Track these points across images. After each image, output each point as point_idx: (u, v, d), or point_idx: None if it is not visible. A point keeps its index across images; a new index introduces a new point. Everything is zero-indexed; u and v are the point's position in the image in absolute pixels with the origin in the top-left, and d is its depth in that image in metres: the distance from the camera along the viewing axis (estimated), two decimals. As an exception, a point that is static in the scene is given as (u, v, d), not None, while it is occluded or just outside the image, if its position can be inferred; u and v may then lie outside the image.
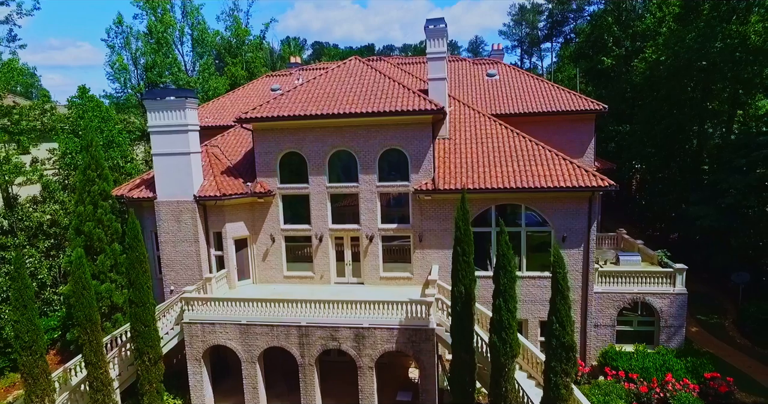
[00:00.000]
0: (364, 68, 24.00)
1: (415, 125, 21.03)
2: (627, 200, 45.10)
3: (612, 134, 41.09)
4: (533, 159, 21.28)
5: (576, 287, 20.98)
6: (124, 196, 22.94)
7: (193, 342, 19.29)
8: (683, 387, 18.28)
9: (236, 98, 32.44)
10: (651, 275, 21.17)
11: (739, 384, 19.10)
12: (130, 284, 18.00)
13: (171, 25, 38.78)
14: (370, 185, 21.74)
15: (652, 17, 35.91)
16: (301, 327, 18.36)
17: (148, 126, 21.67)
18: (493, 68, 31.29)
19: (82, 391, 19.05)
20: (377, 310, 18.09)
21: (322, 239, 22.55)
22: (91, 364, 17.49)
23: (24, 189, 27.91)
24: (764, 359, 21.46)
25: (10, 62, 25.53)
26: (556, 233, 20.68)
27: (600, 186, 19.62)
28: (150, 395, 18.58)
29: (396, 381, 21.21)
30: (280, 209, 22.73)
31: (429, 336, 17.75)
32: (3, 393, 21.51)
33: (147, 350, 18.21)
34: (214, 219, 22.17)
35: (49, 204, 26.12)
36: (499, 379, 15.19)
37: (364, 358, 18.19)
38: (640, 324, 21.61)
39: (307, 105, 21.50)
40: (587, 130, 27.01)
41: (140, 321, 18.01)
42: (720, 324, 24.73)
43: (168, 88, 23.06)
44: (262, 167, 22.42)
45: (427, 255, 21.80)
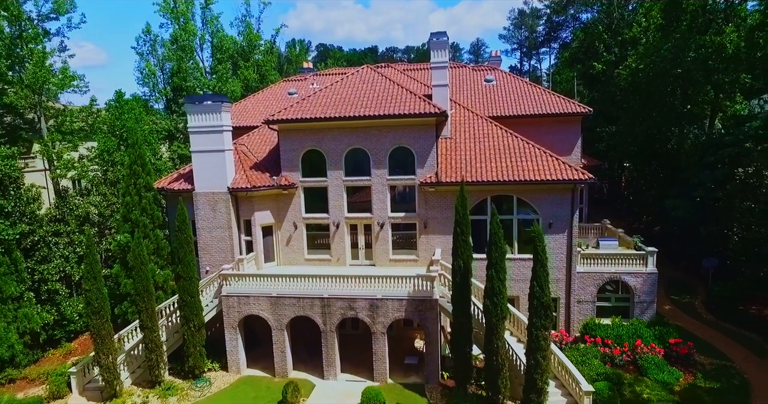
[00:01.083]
0: (375, 76, 27.14)
1: (420, 126, 24.15)
2: (617, 196, 48.16)
3: (602, 134, 44.18)
4: (524, 156, 24.37)
5: (561, 267, 24.11)
6: (165, 188, 26.11)
7: (230, 312, 22.43)
8: (650, 351, 21.34)
9: (257, 101, 35.61)
10: (626, 257, 24.28)
11: (699, 350, 22.19)
12: (179, 261, 21.16)
13: (193, 33, 41.95)
14: (381, 179, 24.86)
15: (638, 27, 38.98)
16: (323, 298, 21.47)
17: (188, 127, 24.82)
18: (490, 74, 34.38)
19: (134, 355, 22.31)
20: (388, 284, 21.20)
21: (338, 226, 25.69)
22: (147, 328, 20.70)
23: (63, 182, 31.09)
24: (724, 331, 24.51)
25: (64, 70, 28.79)
26: (543, 220, 23.72)
27: (580, 179, 22.71)
28: (194, 356, 21.79)
29: (404, 350, 24.28)
30: (302, 199, 25.87)
31: (433, 306, 20.84)
32: (62, 358, 24.60)
33: (192, 317, 21.40)
34: (245, 208, 25.30)
35: (93, 196, 29.25)
36: (491, 337, 18.32)
37: (378, 325, 21.29)
38: (617, 300, 24.69)
39: (327, 108, 24.64)
40: (574, 130, 30.09)
41: (187, 292, 21.19)
42: (690, 303, 27.80)
43: (205, 94, 26.31)
44: (286, 163, 25.56)
45: (431, 240, 24.91)
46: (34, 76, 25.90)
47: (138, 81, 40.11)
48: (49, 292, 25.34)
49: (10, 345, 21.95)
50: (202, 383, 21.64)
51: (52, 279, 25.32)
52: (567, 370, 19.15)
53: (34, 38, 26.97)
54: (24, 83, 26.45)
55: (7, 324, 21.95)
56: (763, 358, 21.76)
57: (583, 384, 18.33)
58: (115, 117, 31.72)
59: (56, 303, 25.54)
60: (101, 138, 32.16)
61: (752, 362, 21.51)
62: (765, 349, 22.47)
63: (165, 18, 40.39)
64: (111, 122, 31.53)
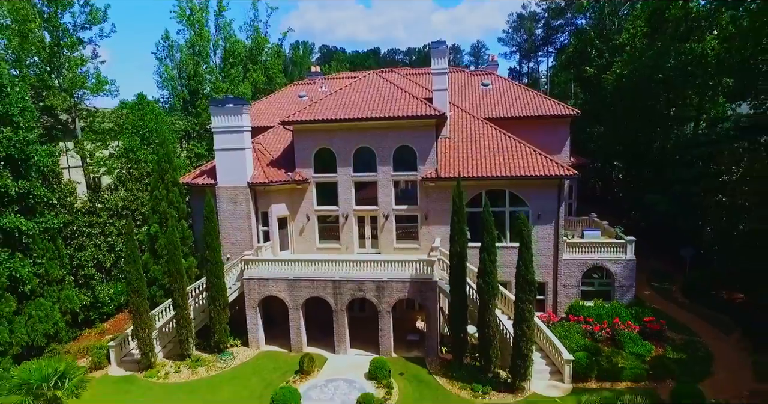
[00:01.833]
0: (380, 81, 29.72)
1: (422, 126, 26.72)
2: (609, 193, 50.68)
3: (593, 134, 46.70)
4: (515, 154, 26.94)
5: (549, 255, 26.68)
6: (189, 183, 28.73)
7: (251, 293, 25.02)
8: (627, 328, 23.86)
9: (269, 104, 38.22)
10: (608, 245, 26.83)
11: (671, 328, 24.75)
12: (206, 247, 23.77)
13: (207, 39, 44.56)
14: (386, 175, 27.45)
15: (627, 33, 41.51)
16: (335, 280, 24.05)
17: (212, 127, 27.39)
18: (487, 79, 36.96)
19: (165, 332, 24.90)
20: (393, 267, 23.78)
21: (347, 217, 28.28)
22: (178, 306, 23.32)
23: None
24: (697, 312, 27.03)
25: (97, 76, 31.46)
26: (532, 212, 26.30)
27: (565, 175, 25.28)
28: (219, 332, 24.39)
29: (406, 329, 26.79)
30: (314, 193, 28.46)
31: (432, 287, 23.41)
32: (97, 337, 27.17)
33: (218, 297, 23.99)
34: (262, 201, 27.89)
35: (120, 191, 31.83)
36: (484, 313, 20.89)
37: (383, 305, 23.86)
38: (599, 284, 27.20)
39: (337, 111, 27.24)
40: (564, 130, 32.62)
41: (214, 275, 23.79)
42: (669, 289, 30.32)
43: (227, 97, 28.87)
44: (300, 160, 28.16)
45: (431, 230, 27.48)
46: (72, 81, 28.57)
47: (157, 84, 42.74)
48: (85, 277, 28.00)
49: (55, 322, 24.54)
50: (226, 356, 24.24)
51: (87, 265, 27.99)
52: (551, 342, 21.75)
53: (70, 46, 29.66)
54: (62, 87, 29.06)
55: (52, 304, 24.55)
56: (728, 335, 24.31)
57: (564, 354, 20.94)
58: (138, 118, 34.28)
59: (91, 287, 28.19)
60: (125, 137, 34.74)
61: (718, 338, 24.07)
62: (731, 328, 25.00)
63: (182, 25, 42.98)
64: (134, 123, 34.09)
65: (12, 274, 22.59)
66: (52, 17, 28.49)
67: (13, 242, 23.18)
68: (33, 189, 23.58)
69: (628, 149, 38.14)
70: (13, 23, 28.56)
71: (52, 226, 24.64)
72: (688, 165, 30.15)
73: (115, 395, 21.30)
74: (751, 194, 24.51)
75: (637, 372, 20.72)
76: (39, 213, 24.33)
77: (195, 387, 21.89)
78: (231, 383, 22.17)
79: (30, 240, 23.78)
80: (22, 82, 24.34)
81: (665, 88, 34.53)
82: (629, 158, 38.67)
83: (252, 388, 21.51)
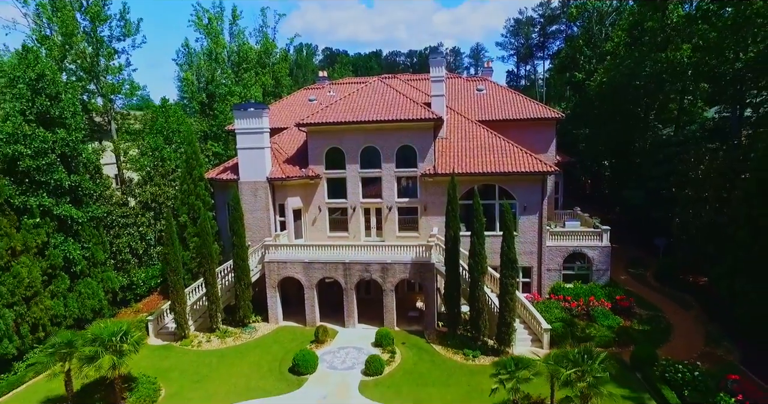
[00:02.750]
0: (384, 87, 33.18)
1: (421, 128, 30.16)
2: (597, 190, 54.12)
3: (580, 135, 50.16)
4: (504, 152, 30.38)
5: (533, 242, 30.11)
6: (214, 178, 32.19)
7: (271, 274, 28.48)
8: (600, 304, 27.30)
9: (282, 107, 41.68)
10: (586, 233, 30.29)
11: (640, 305, 28.25)
12: (233, 233, 27.23)
13: (223, 47, 48.04)
14: (389, 171, 30.89)
15: (611, 42, 44.97)
16: (345, 263, 27.49)
17: (235, 129, 30.82)
18: (481, 84, 40.40)
19: (195, 308, 28.33)
20: (396, 251, 27.22)
21: (355, 209, 31.73)
22: (209, 284, 26.79)
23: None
24: (665, 293, 30.46)
25: (131, 83, 34.94)
26: (519, 204, 29.73)
27: (547, 171, 28.72)
28: (244, 308, 27.85)
29: (407, 308, 30.22)
30: (325, 188, 31.91)
31: (430, 269, 26.84)
32: (132, 314, 30.59)
33: (243, 277, 27.45)
34: (279, 195, 31.34)
35: (149, 186, 35.28)
36: (474, 288, 24.35)
37: (387, 284, 27.30)
38: (578, 268, 30.66)
39: (346, 114, 30.69)
40: (550, 131, 36.02)
41: (240, 257, 27.25)
42: (643, 274, 33.76)
43: (249, 102, 32.36)
44: (312, 158, 31.62)
45: (430, 220, 30.92)
46: (111, 88, 32.01)
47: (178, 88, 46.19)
48: (122, 261, 31.46)
49: (99, 299, 28.02)
50: (249, 329, 27.71)
51: (123, 251, 31.47)
52: (532, 315, 25.19)
53: (107, 56, 33.14)
54: (100, 93, 32.53)
55: (97, 283, 28.02)
56: (688, 311, 27.76)
57: (543, 324, 24.40)
58: (163, 120, 37.75)
59: (127, 270, 31.65)
60: (151, 137, 38.22)
61: (679, 314, 27.52)
62: (692, 305, 28.45)
63: (199, 33, 46.45)
64: (161, 124, 37.57)
65: (66, 256, 26.07)
66: (92, 31, 31.99)
67: (66, 228, 26.65)
68: (82, 182, 27.06)
69: (609, 149, 41.61)
70: (58, 35, 32.04)
71: (97, 215, 28.13)
72: (660, 163, 33.58)
73: (157, 359, 24.76)
74: (710, 190, 27.92)
75: (606, 339, 24.15)
76: (85, 204, 27.82)
77: (225, 353, 25.36)
78: (255, 350, 25.65)
79: (79, 227, 27.25)
80: (73, 89, 27.73)
81: (642, 93, 37.97)
82: (611, 157, 42.14)
83: (274, 353, 24.99)
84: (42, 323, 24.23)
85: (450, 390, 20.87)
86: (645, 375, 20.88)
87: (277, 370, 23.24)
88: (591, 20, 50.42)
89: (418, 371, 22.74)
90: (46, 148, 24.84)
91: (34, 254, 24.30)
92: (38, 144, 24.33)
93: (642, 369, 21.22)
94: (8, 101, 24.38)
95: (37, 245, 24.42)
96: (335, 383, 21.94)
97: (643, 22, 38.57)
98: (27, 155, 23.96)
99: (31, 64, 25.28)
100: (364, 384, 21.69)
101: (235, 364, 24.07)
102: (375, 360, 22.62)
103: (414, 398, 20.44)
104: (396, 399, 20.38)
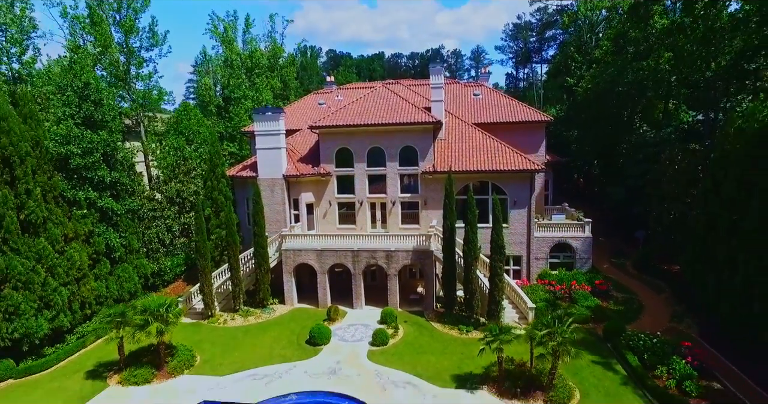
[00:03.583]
0: (388, 93, 36.56)
1: (422, 130, 33.52)
2: (589, 188, 57.41)
3: (571, 137, 53.48)
4: (497, 152, 33.72)
5: (523, 233, 33.43)
6: (235, 175, 35.61)
7: (287, 261, 31.87)
8: (581, 288, 30.63)
9: (293, 110, 45.07)
10: (570, 225, 33.64)
11: (618, 290, 31.60)
12: (255, 223, 30.63)
13: (237, 54, 51.52)
14: (393, 169, 34.26)
15: (600, 50, 48.28)
16: (354, 250, 30.86)
17: (255, 131, 34.23)
18: (477, 90, 43.76)
19: (220, 292, 31.72)
20: (399, 240, 30.58)
21: (362, 203, 35.11)
22: (233, 269, 30.21)
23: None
24: (641, 279, 33.78)
25: (159, 89, 38.48)
26: (510, 199, 33.06)
27: (535, 169, 32.06)
28: (263, 291, 31.25)
29: (409, 292, 33.60)
30: (335, 184, 35.29)
31: (430, 255, 30.18)
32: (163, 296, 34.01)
33: (263, 263, 30.84)
34: (294, 190, 34.74)
35: (174, 183, 38.71)
36: (468, 272, 27.70)
37: (391, 269, 30.66)
38: (564, 257, 33.97)
39: (354, 118, 34.07)
40: (540, 133, 39.35)
41: (260, 245, 30.65)
42: (623, 263, 37.08)
43: (267, 107, 35.71)
44: (324, 157, 35.00)
45: (430, 213, 34.28)
46: (143, 94, 35.46)
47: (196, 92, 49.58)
48: (152, 250, 34.89)
49: (134, 283, 31.46)
50: (268, 310, 31.10)
51: (153, 241, 34.91)
52: (519, 296, 28.52)
53: (138, 65, 36.61)
54: (132, 98, 36.01)
55: (133, 268, 31.47)
56: (660, 294, 31.09)
57: (528, 303, 27.73)
58: (188, 122, 41.19)
59: (156, 258, 35.08)
60: (174, 138, 41.69)
61: (651, 297, 30.85)
62: (663, 289, 31.76)
63: (216, 41, 49.95)
64: (186, 126, 41.02)
65: (107, 243, 29.52)
66: (125, 42, 35.49)
67: (106, 219, 30.11)
68: (120, 178, 30.52)
69: (595, 150, 44.96)
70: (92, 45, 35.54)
71: (133, 208, 31.58)
72: (639, 163, 36.89)
73: (189, 333, 28.11)
74: (679, 187, 31.19)
75: (583, 317, 27.43)
76: (122, 198, 31.27)
77: (248, 329, 28.76)
78: (275, 327, 29.04)
79: (118, 218, 30.71)
80: (111, 95, 31.23)
81: (625, 99, 41.31)
82: (597, 157, 45.49)
83: (292, 329, 28.38)
84: (88, 301, 27.66)
85: (446, 357, 24.23)
86: (614, 344, 24.22)
87: (296, 342, 26.63)
88: (582, 29, 53.73)
89: (418, 343, 26.11)
90: (92, 148, 28.31)
91: (82, 241, 27.73)
92: (86, 144, 27.79)
93: (612, 339, 24.57)
94: (59, 107, 27.80)
95: (84, 233, 27.86)
96: (346, 352, 25.33)
97: (627, 33, 41.87)
98: (77, 154, 27.41)
99: (78, 73, 28.70)
100: (372, 353, 25.08)
101: (258, 337, 27.46)
102: (381, 333, 26.02)
103: (414, 363, 23.79)
104: (399, 364, 23.74)
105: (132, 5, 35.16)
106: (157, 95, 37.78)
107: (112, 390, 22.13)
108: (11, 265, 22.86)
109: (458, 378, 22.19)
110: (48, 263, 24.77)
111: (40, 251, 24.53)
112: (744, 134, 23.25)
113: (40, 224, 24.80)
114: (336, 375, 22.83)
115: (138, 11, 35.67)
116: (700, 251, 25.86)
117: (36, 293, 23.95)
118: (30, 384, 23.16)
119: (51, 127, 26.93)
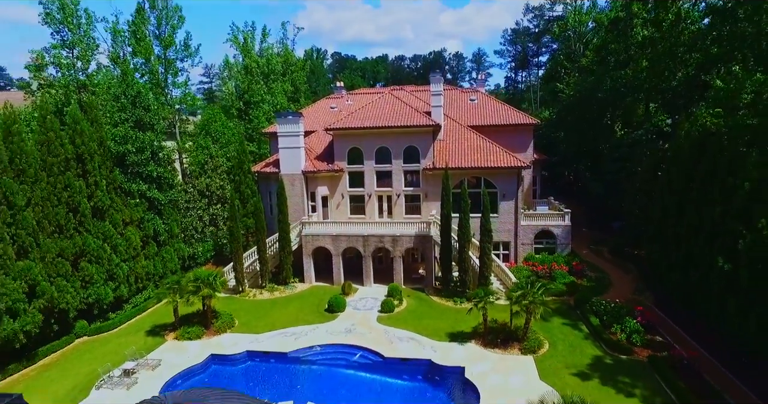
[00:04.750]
0: (394, 99, 41.59)
1: (423, 132, 38.51)
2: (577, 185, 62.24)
3: (559, 138, 58.39)
4: (488, 151, 38.69)
5: (511, 222, 38.40)
6: (259, 171, 40.67)
7: (307, 245, 36.91)
8: (560, 269, 35.54)
9: (308, 114, 50.00)
10: (552, 215, 38.60)
11: (592, 270, 36.47)
12: (279, 211, 35.67)
13: (256, 61, 56.61)
14: (398, 166, 39.27)
15: (586, 59, 53.17)
16: (364, 236, 35.86)
17: (277, 132, 39.24)
18: (474, 95, 48.72)
19: (247, 272, 36.77)
20: (403, 227, 35.59)
21: (370, 196, 40.13)
22: (261, 250, 35.29)
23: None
24: (613, 263, 38.65)
25: (192, 96, 43.56)
26: (499, 192, 38.02)
27: (521, 166, 37.02)
28: (286, 270, 36.31)
29: (411, 273, 38.59)
30: (347, 179, 40.32)
31: (429, 240, 35.16)
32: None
33: (286, 246, 35.90)
34: (311, 184, 39.78)
35: (203, 178, 43.76)
36: (462, 252, 32.69)
37: (396, 252, 35.66)
38: (546, 243, 38.92)
39: (364, 121, 39.10)
40: (528, 135, 44.24)
41: (284, 230, 35.70)
42: (601, 250, 41.96)
43: (288, 111, 40.83)
44: (337, 155, 40.03)
45: (430, 205, 39.27)
46: (180, 100, 40.56)
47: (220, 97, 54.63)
48: (187, 236, 39.99)
49: (175, 263, 36.55)
50: (290, 287, 36.14)
51: (189, 228, 40.01)
52: (506, 274, 33.48)
53: (174, 74, 41.73)
54: (168, 103, 41.06)
55: (174, 251, 36.57)
56: (628, 274, 36.01)
57: (512, 279, 32.68)
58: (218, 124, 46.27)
59: (191, 244, 40.18)
60: (202, 138, 46.78)
61: (620, 276, 35.76)
62: (631, 270, 36.67)
63: (235, 50, 55.08)
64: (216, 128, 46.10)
65: (154, 228, 34.61)
66: (163, 54, 40.57)
67: (153, 208, 35.20)
68: (164, 173, 35.61)
69: (579, 149, 49.88)
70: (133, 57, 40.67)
71: (173, 198, 36.66)
72: (615, 160, 41.79)
73: (226, 304, 33.03)
74: (645, 181, 36.04)
75: (559, 290, 32.41)
76: (165, 190, 36.37)
77: (275, 302, 33.82)
78: (297, 300, 34.09)
79: (162, 207, 35.80)
80: (156, 101, 36.34)
81: (605, 104, 46.22)
82: (582, 156, 50.42)
83: (312, 301, 33.44)
84: (140, 277, 32.76)
85: (442, 321, 29.24)
86: (582, 310, 29.20)
87: (316, 310, 31.69)
88: (571, 39, 58.62)
89: (419, 311, 31.14)
90: (143, 146, 33.40)
91: (136, 226, 32.83)
92: (138, 144, 32.89)
93: (580, 307, 29.55)
94: (115, 112, 32.90)
95: (137, 219, 32.97)
96: (359, 317, 30.35)
97: (608, 45, 46.77)
98: (132, 152, 32.51)
99: (131, 83, 33.80)
100: (380, 318, 30.12)
101: (284, 307, 32.54)
102: (388, 302, 31.07)
103: (416, 325, 28.80)
104: (403, 325, 28.75)
105: (171, 22, 40.29)
106: (191, 101, 42.91)
107: (171, 344, 27.22)
108: (87, 242, 27.99)
109: (451, 334, 27.22)
110: (112, 242, 29.91)
111: (106, 232, 29.67)
112: (690, 136, 28.12)
113: (105, 210, 29.91)
114: (351, 333, 27.89)
115: (175, 28, 40.80)
116: (656, 234, 30.74)
117: (104, 266, 29.07)
118: (101, 340, 28.31)
119: (110, 129, 32.00)
